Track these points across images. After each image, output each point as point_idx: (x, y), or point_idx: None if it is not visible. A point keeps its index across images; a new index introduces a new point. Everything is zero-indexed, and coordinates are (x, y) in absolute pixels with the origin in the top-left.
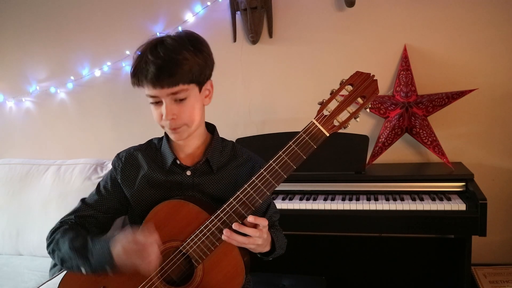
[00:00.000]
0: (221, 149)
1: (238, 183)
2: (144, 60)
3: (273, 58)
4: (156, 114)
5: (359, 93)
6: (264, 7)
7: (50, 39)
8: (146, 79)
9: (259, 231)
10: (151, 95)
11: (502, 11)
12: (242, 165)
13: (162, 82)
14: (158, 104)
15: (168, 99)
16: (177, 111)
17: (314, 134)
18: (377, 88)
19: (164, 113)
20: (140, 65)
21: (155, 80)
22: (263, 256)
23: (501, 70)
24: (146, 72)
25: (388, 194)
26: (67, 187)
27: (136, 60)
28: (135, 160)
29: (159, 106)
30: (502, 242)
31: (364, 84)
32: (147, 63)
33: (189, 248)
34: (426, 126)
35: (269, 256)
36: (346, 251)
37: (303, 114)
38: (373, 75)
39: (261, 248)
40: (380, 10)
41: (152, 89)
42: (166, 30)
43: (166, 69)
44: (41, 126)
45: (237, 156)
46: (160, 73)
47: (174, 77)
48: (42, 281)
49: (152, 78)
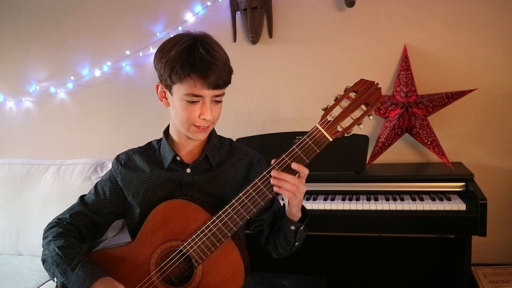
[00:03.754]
0: (219, 146)
1: (236, 179)
2: (196, 54)
3: (273, 58)
4: (189, 113)
5: (363, 100)
6: (264, 7)
7: (50, 39)
8: (201, 77)
9: (297, 180)
10: (198, 94)
11: (501, 11)
12: (240, 161)
13: (215, 83)
14: (194, 104)
15: (209, 100)
16: (214, 111)
17: (317, 139)
18: (380, 96)
19: (207, 113)
20: (192, 59)
21: (208, 80)
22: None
23: (501, 70)
24: (202, 69)
25: (388, 194)
26: (67, 187)
27: (182, 50)
28: (134, 163)
29: (195, 105)
30: (502, 242)
31: (368, 92)
32: (201, 58)
33: (189, 248)
34: (426, 126)
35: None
36: (346, 251)
37: (303, 114)
38: (377, 83)
39: (299, 203)
40: (380, 10)
41: (203, 89)
42: (166, 30)
43: (219, 71)
44: (41, 126)
45: (235, 152)
46: (214, 73)
47: (224, 79)
48: (42, 281)
49: (208, 76)
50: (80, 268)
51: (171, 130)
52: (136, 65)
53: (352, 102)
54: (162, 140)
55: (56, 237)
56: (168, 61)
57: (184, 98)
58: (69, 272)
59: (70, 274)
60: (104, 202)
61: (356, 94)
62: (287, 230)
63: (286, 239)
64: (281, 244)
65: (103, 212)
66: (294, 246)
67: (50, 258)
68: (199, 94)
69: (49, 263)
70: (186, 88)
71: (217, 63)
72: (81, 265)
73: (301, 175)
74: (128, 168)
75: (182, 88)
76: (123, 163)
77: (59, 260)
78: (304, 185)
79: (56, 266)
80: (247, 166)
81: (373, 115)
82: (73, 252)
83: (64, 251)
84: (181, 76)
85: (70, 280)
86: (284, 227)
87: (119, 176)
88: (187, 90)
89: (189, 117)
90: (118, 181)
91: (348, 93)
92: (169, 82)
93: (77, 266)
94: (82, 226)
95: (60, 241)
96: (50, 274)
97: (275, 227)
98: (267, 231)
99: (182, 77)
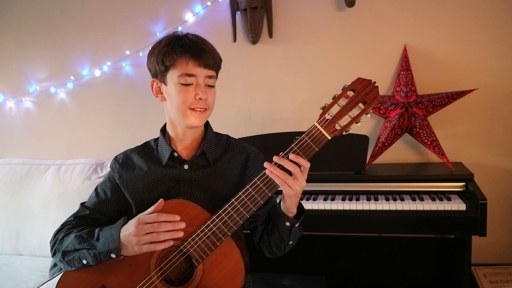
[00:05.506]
0: (216, 142)
1: (234, 174)
2: (185, 39)
3: (273, 58)
4: (184, 96)
5: (360, 99)
6: (264, 7)
7: (50, 39)
8: (192, 55)
9: (299, 170)
10: (191, 73)
11: (502, 11)
12: (237, 156)
13: (206, 62)
14: (188, 86)
15: (203, 81)
16: (209, 95)
17: (316, 137)
18: (378, 94)
19: (202, 91)
20: (182, 42)
21: (200, 59)
22: (293, 222)
23: (501, 70)
24: (192, 49)
25: (388, 194)
26: (67, 187)
27: (171, 38)
28: (132, 161)
29: (190, 87)
30: (502, 242)
31: (365, 90)
32: (191, 41)
33: (189, 248)
34: (426, 126)
35: (300, 218)
36: (346, 251)
37: (303, 114)
38: (374, 82)
39: (297, 198)
40: (380, 10)
41: (195, 67)
42: (166, 30)
43: (209, 52)
44: (41, 126)
45: (232, 148)
46: (205, 53)
47: (215, 61)
48: (42, 281)
49: (199, 55)
50: (102, 233)
51: (167, 127)
52: (136, 65)
53: (349, 100)
54: (160, 138)
55: (70, 230)
56: (159, 50)
57: (178, 81)
58: (95, 242)
59: (96, 243)
60: (106, 202)
61: (354, 93)
62: (282, 227)
63: (280, 236)
64: (275, 241)
65: (107, 211)
66: (288, 244)
67: (71, 244)
68: (192, 73)
69: (71, 251)
70: (179, 70)
71: (207, 45)
72: (101, 232)
73: (302, 169)
74: (125, 166)
75: (175, 72)
76: (121, 162)
77: (81, 239)
78: (304, 179)
79: (80, 246)
80: (244, 161)
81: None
82: (91, 229)
83: (82, 232)
84: (173, 57)
85: (100, 247)
86: (279, 223)
87: (117, 175)
88: (180, 71)
89: (185, 99)
90: (116, 179)
91: (346, 92)
92: (162, 70)
93: (100, 233)
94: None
95: (75, 231)
96: (75, 262)
97: (270, 224)
98: (261, 228)
99: (174, 57)
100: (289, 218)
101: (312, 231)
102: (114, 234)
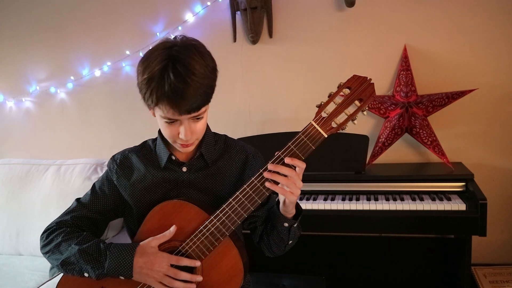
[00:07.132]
0: (214, 143)
1: (232, 175)
2: (166, 81)
3: (273, 58)
4: (169, 132)
5: (356, 96)
6: (264, 7)
7: (50, 39)
8: (171, 106)
9: (295, 172)
10: (172, 118)
11: (502, 11)
12: (235, 156)
13: (188, 108)
14: (173, 123)
15: (188, 120)
16: (194, 128)
17: (312, 136)
18: (373, 92)
19: (182, 133)
20: (162, 86)
21: (180, 107)
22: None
23: (501, 70)
24: (171, 98)
25: (388, 194)
26: (67, 187)
27: (153, 79)
28: (130, 162)
29: (174, 124)
30: (502, 242)
31: (361, 88)
32: (171, 86)
33: (188, 248)
34: (426, 126)
35: (298, 218)
36: (346, 251)
37: (303, 114)
38: (370, 79)
39: (295, 198)
40: (380, 10)
41: (175, 115)
42: (166, 30)
43: (190, 97)
44: (41, 126)
45: (230, 148)
46: (185, 100)
47: (198, 104)
48: (42, 281)
49: (178, 105)
50: (111, 254)
51: None
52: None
53: (345, 98)
54: (158, 140)
55: (69, 236)
56: (142, 85)
57: (162, 118)
58: (104, 262)
59: (105, 263)
60: (103, 200)
61: (350, 90)
62: (281, 227)
63: (279, 236)
64: (274, 241)
65: (103, 209)
66: (288, 244)
67: (74, 257)
68: (173, 119)
69: (73, 263)
70: (161, 112)
71: (189, 90)
72: (109, 251)
73: (297, 170)
74: (123, 167)
75: (158, 111)
76: (119, 163)
77: (86, 257)
78: (300, 180)
79: (85, 262)
80: (243, 161)
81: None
82: (94, 243)
83: (86, 245)
84: (153, 100)
85: (108, 269)
86: (278, 224)
87: (115, 176)
88: (162, 114)
89: (170, 135)
90: (114, 180)
91: (342, 90)
92: (148, 102)
93: (107, 253)
94: (84, 226)
95: (76, 239)
96: (75, 272)
97: (269, 224)
98: (261, 228)
99: (155, 101)
100: (287, 219)
101: (312, 231)
102: (128, 261)
